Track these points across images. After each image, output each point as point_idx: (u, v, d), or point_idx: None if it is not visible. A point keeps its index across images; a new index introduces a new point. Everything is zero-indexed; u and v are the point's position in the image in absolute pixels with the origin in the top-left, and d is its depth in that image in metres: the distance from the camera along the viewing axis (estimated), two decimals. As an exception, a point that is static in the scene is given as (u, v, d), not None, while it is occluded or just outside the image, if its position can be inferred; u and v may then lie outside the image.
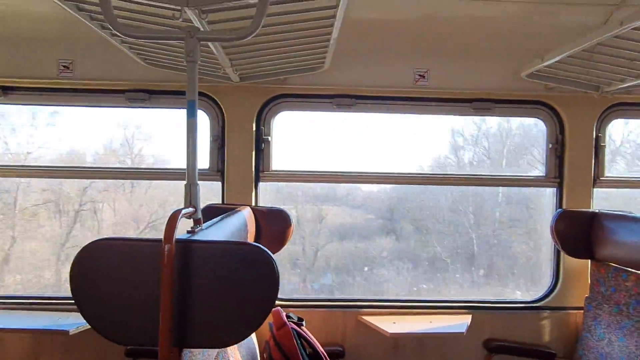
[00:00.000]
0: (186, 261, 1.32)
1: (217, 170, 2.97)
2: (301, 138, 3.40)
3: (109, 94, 2.95)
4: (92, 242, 1.36)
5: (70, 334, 2.64)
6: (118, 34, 1.67)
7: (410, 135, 3.44)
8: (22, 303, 2.94)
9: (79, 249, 1.34)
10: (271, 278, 1.33)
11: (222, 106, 2.94)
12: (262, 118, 2.99)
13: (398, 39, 2.80)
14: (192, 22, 1.68)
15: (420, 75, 2.95)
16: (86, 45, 2.81)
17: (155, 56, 2.52)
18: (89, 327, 1.37)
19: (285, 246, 2.75)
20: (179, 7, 1.58)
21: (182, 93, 2.95)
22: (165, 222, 1.29)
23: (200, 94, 2.97)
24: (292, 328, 2.52)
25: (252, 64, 2.48)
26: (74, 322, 2.73)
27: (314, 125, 3.43)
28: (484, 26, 2.60)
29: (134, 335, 1.37)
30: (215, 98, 2.93)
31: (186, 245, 1.33)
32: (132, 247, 1.34)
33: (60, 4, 1.74)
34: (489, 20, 2.51)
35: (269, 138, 3.00)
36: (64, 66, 2.85)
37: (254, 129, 2.95)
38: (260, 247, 1.35)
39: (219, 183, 2.98)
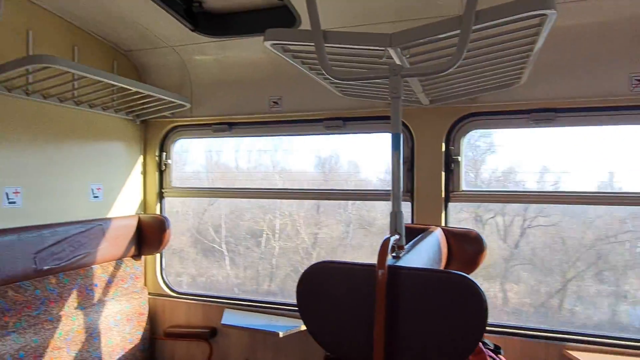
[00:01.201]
0: (395, 286, 1.41)
1: (407, 191, 3.05)
2: (488, 157, 3.29)
3: (310, 123, 3.31)
4: (316, 264, 1.56)
5: (280, 335, 3.02)
6: (326, 75, 1.88)
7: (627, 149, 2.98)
8: (246, 305, 3.46)
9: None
10: (479, 309, 1.33)
11: (411, 128, 3.02)
12: (452, 138, 2.97)
13: (609, 42, 2.51)
14: (394, 60, 1.79)
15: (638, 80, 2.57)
16: (291, 82, 3.24)
17: (350, 87, 2.75)
18: (296, 331, 1.58)
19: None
20: (383, 48, 1.71)
21: (373, 118, 3.16)
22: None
23: (384, 117, 3.12)
24: (489, 356, 2.41)
25: (445, 87, 2.50)
26: (283, 325, 3.11)
27: (501, 143, 3.28)
28: None
29: (347, 349, 1.51)
30: (405, 121, 3.03)
31: (395, 271, 1.42)
32: (349, 269, 1.49)
33: (281, 55, 2.04)
34: None
35: (459, 158, 2.96)
36: (274, 102, 3.32)
37: (443, 149, 2.95)
38: (467, 278, 1.36)
39: (409, 203, 3.06)
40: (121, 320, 3.36)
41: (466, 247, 2.65)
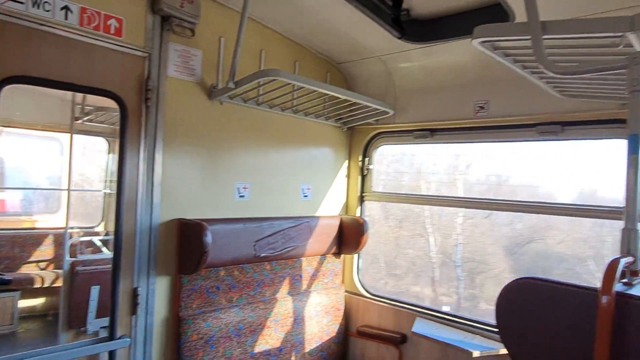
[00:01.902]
0: (623, 318, 1.15)
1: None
2: None
3: (521, 129, 3.01)
4: (518, 280, 1.39)
5: (473, 355, 2.81)
6: (546, 71, 1.67)
7: None
8: (438, 316, 3.35)
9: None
10: None
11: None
12: None
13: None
14: (635, 47, 1.48)
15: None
16: (499, 85, 3.01)
17: (571, 86, 2.40)
18: (492, 353, 1.41)
19: None
20: (620, 34, 1.43)
21: (595, 123, 2.70)
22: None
23: (612, 121, 2.62)
24: None
25: None
26: (479, 344, 2.89)
27: None
28: None
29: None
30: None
31: (625, 301, 1.16)
32: (562, 290, 1.28)
33: (491, 54, 1.90)
34: None
35: None
36: (479, 107, 3.13)
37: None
38: None
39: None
40: (320, 312, 3.63)
41: None
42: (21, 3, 2.21)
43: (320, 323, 3.62)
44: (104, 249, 4.72)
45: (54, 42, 2.33)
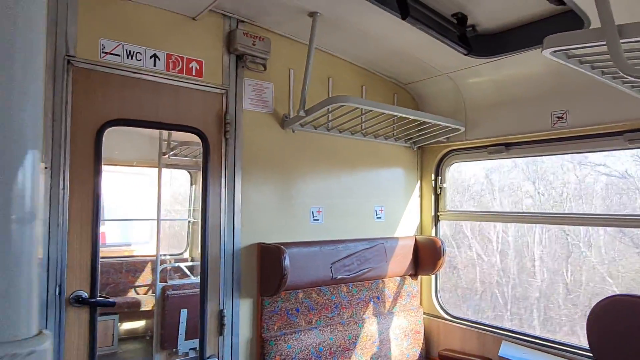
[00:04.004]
0: None
1: None
2: None
3: (606, 137, 2.84)
4: (609, 298, 1.31)
5: (569, 382, 2.63)
6: (627, 77, 1.59)
7: None
8: (525, 340, 3.17)
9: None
10: None
11: None
12: None
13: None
14: None
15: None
16: (579, 93, 2.87)
17: (662, 89, 2.23)
18: None
19: None
20: None
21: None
22: None
23: None
24: None
25: None
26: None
27: None
28: None
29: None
30: None
31: None
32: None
33: (564, 63, 1.85)
34: None
35: None
36: (557, 117, 3.00)
37: None
38: None
39: None
40: (400, 335, 3.57)
41: None
42: (117, 55, 2.50)
43: (400, 346, 3.57)
44: (190, 274, 5.02)
45: (145, 87, 2.61)
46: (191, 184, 5.36)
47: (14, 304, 0.66)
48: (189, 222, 5.33)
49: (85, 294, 2.39)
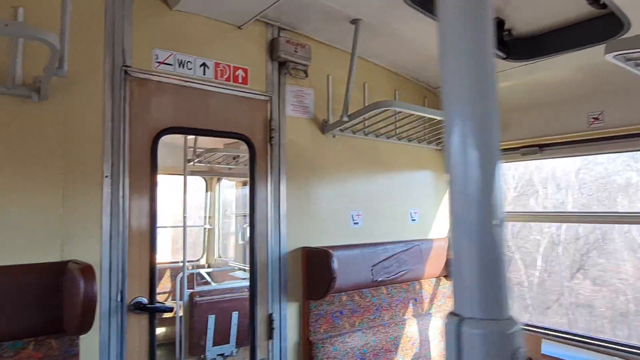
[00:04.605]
0: None
1: None
2: None
3: (641, 137, 2.90)
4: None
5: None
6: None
7: None
8: (566, 338, 3.21)
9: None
10: None
11: None
12: None
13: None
14: None
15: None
16: (616, 94, 2.93)
17: None
18: None
19: None
20: None
21: None
22: None
23: None
24: None
25: None
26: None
27: None
28: None
29: None
30: None
31: None
32: None
33: (623, 65, 1.91)
34: None
35: None
36: (593, 118, 3.06)
37: None
38: None
39: None
40: (437, 336, 3.61)
41: None
42: (170, 65, 2.55)
43: (439, 347, 3.60)
44: (210, 280, 5.04)
45: (195, 95, 2.65)
46: (206, 191, 5.39)
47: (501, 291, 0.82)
48: (205, 229, 5.36)
49: (145, 300, 2.43)
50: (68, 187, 2.19)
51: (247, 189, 3.80)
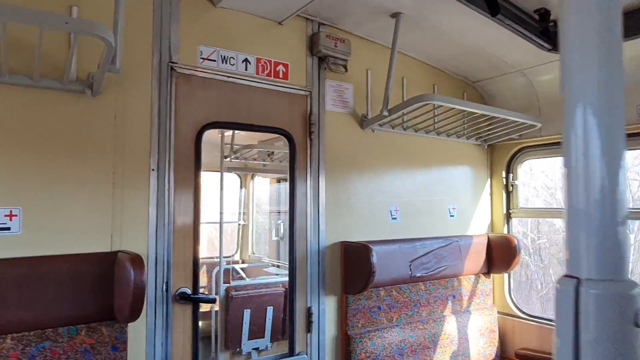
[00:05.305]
0: None
1: None
2: None
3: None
4: None
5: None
6: None
7: None
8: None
9: None
10: None
11: None
12: None
13: None
14: None
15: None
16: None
17: None
18: None
19: None
20: None
21: None
22: None
23: None
24: None
25: None
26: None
27: None
28: None
29: None
30: None
31: None
32: None
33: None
34: None
35: None
36: (645, 110, 2.94)
37: None
38: None
39: None
40: (475, 334, 3.55)
41: None
42: (214, 61, 2.59)
43: (476, 345, 3.55)
44: (244, 275, 5.09)
45: (237, 90, 2.69)
46: (240, 187, 5.45)
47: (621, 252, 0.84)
48: (239, 224, 5.42)
49: (189, 291, 2.48)
50: (117, 180, 2.27)
51: (281, 186, 3.82)
